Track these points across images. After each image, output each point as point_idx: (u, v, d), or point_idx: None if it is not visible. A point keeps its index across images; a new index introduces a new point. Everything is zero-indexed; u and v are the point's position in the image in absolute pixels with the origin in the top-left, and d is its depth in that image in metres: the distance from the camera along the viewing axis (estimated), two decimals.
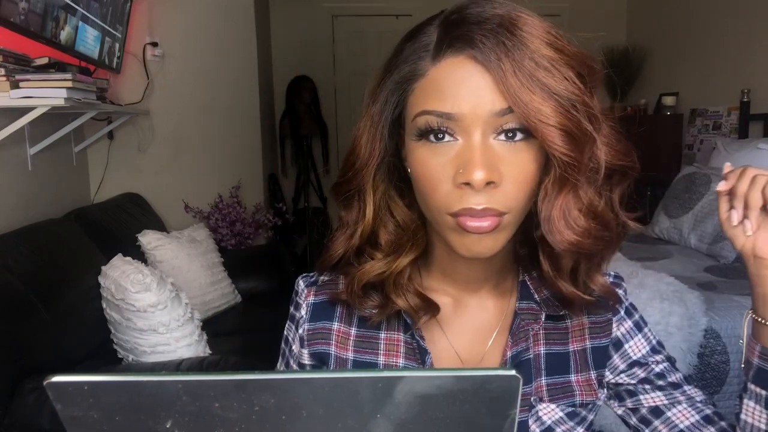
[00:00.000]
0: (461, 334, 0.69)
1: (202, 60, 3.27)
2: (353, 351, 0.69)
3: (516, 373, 0.36)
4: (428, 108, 0.56)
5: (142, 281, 1.88)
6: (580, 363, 0.69)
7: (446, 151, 0.56)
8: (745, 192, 0.60)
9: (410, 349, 0.67)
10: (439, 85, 0.56)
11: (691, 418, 0.68)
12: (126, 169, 3.17)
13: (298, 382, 0.36)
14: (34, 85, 1.88)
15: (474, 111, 0.55)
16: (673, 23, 4.19)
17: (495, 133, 0.56)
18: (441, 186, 0.57)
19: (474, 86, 0.55)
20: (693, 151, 3.93)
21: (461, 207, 0.56)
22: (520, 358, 0.67)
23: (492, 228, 0.56)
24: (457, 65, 0.55)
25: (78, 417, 0.36)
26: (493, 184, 0.55)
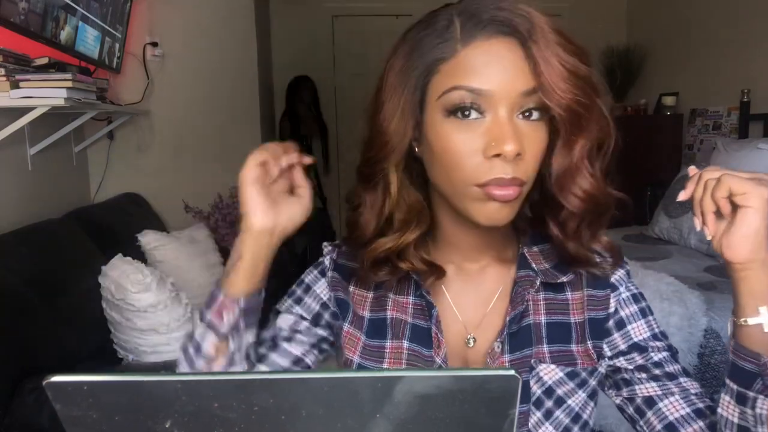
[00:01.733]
0: (463, 298, 0.74)
1: (202, 60, 3.26)
2: (370, 311, 0.75)
3: (515, 373, 0.36)
4: (460, 83, 0.61)
5: (142, 281, 1.88)
6: (579, 334, 0.72)
7: (473, 127, 0.62)
8: (700, 198, 0.62)
9: (418, 309, 0.73)
10: (470, 64, 0.61)
11: (682, 411, 0.69)
12: (126, 169, 3.17)
13: (297, 382, 0.36)
14: (34, 85, 1.88)
15: (504, 88, 0.60)
16: (673, 23, 4.19)
17: (518, 111, 0.62)
18: (469, 159, 0.62)
19: (505, 65, 0.61)
20: (693, 151, 3.93)
21: (491, 177, 0.61)
22: (520, 323, 0.71)
23: (515, 196, 0.62)
24: (488, 46, 0.61)
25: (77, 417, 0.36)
26: (519, 156, 0.61)
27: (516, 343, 0.71)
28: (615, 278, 0.74)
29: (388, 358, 0.73)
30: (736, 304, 0.63)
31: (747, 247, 0.61)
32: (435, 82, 0.63)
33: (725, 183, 0.60)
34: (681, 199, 0.65)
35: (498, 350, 0.71)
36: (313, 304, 0.77)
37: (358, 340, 0.75)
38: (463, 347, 0.73)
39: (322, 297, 0.77)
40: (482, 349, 0.72)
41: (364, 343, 0.74)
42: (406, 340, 0.73)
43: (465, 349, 0.73)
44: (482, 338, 0.72)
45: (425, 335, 0.72)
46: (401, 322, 0.73)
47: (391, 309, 0.74)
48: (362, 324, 0.75)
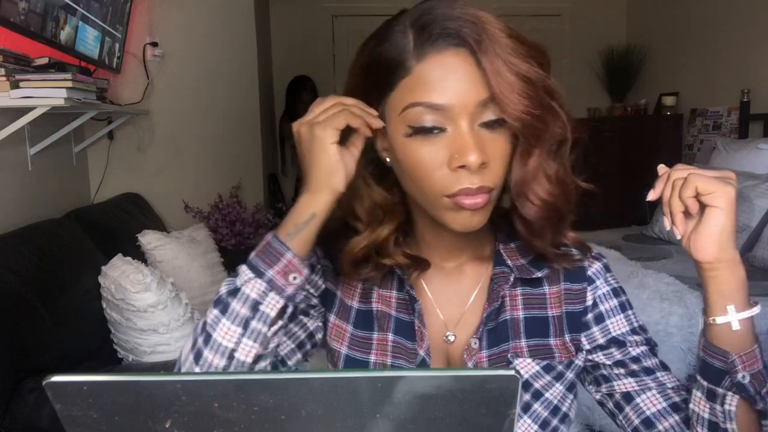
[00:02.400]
0: (443, 296, 0.75)
1: (202, 60, 3.26)
2: (359, 302, 0.76)
3: (515, 373, 0.36)
4: (418, 100, 0.62)
5: (142, 281, 1.87)
6: (557, 327, 0.74)
7: (437, 140, 0.63)
8: (668, 198, 0.63)
9: (401, 303, 0.75)
10: (427, 79, 0.62)
11: (658, 405, 0.70)
12: (126, 169, 3.17)
13: (297, 382, 0.36)
14: (34, 85, 1.88)
15: (461, 101, 0.61)
16: (673, 23, 4.19)
17: (478, 121, 0.62)
18: (436, 172, 0.63)
19: (459, 78, 0.61)
20: (693, 151, 3.93)
21: (459, 188, 0.62)
22: (497, 319, 0.73)
23: (484, 203, 0.63)
24: (441, 59, 0.62)
25: (77, 417, 0.36)
26: (485, 164, 0.62)
27: (493, 338, 0.72)
28: (591, 271, 0.75)
29: (374, 349, 0.74)
30: (705, 302, 0.64)
31: (714, 247, 0.62)
32: (394, 97, 0.64)
33: (692, 183, 0.61)
34: (650, 199, 0.65)
35: (475, 346, 0.72)
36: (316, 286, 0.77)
37: (345, 331, 0.75)
38: (443, 344, 0.74)
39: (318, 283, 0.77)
40: (461, 345, 0.73)
41: (352, 334, 0.75)
42: (391, 332, 0.74)
43: (445, 346, 0.74)
44: (461, 335, 0.74)
45: (409, 328, 0.73)
46: (386, 315, 0.75)
47: (377, 301, 0.75)
48: (349, 315, 0.76)
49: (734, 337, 0.62)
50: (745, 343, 0.62)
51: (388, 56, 0.64)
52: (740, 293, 0.63)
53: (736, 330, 0.62)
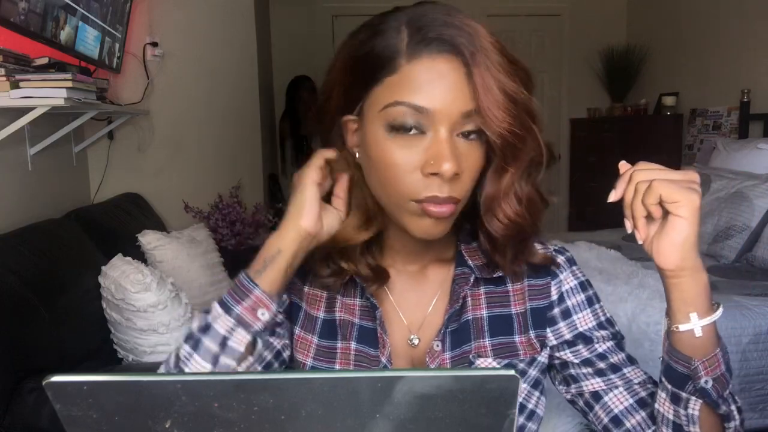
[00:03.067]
0: (405, 300, 0.75)
1: (202, 60, 3.26)
2: (324, 311, 0.76)
3: (515, 373, 0.36)
4: (402, 99, 0.62)
5: (142, 281, 1.87)
6: (522, 324, 0.74)
7: (414, 143, 0.63)
8: (630, 202, 0.61)
9: (365, 310, 0.75)
10: (414, 80, 0.61)
11: (625, 403, 0.71)
12: (126, 169, 3.17)
13: (297, 382, 0.36)
14: (34, 85, 1.88)
15: (445, 108, 0.61)
16: (673, 23, 4.19)
17: (458, 131, 0.63)
18: (407, 175, 0.63)
19: (448, 85, 0.61)
20: (693, 151, 3.93)
21: (428, 194, 0.63)
22: (459, 319, 0.73)
23: (449, 213, 0.64)
24: (432, 64, 0.61)
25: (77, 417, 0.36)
26: (457, 175, 0.62)
27: (456, 339, 0.73)
28: (554, 266, 0.76)
29: (339, 358, 0.74)
30: (669, 309, 0.63)
31: (677, 255, 0.60)
32: (377, 93, 0.64)
33: (656, 190, 0.59)
34: (611, 200, 0.64)
35: (438, 348, 0.72)
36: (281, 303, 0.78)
37: (311, 343, 0.75)
38: (407, 347, 0.74)
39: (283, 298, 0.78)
40: (425, 348, 0.73)
41: (317, 345, 0.75)
42: (354, 341, 0.74)
43: (409, 350, 0.74)
44: (425, 337, 0.74)
45: (372, 336, 0.73)
46: (349, 324, 0.75)
47: (339, 310, 0.75)
48: (315, 325, 0.76)
49: (697, 343, 0.62)
50: (707, 348, 0.62)
51: (378, 50, 0.63)
52: (702, 299, 0.62)
53: (699, 336, 0.61)
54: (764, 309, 2.11)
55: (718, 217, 2.84)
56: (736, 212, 2.77)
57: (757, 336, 2.07)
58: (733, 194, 2.85)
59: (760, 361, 2.08)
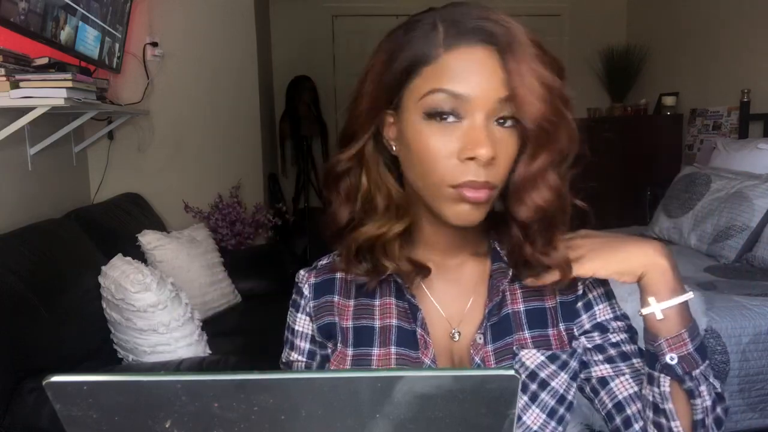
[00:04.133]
0: (444, 295, 0.76)
1: (202, 60, 3.26)
2: (353, 320, 0.77)
3: (515, 373, 0.36)
4: (441, 86, 0.64)
5: (142, 281, 1.87)
6: (554, 318, 0.76)
7: (451, 129, 0.64)
8: None
9: (401, 310, 0.76)
10: (452, 68, 0.64)
11: (630, 390, 0.73)
12: (126, 169, 3.16)
13: (297, 382, 0.36)
14: (34, 85, 1.88)
15: (482, 95, 0.63)
16: (673, 23, 4.19)
17: (493, 117, 0.64)
18: (445, 161, 0.65)
19: (485, 73, 0.63)
20: (693, 151, 3.93)
21: (464, 179, 0.64)
22: (500, 313, 0.75)
23: (486, 199, 0.65)
24: (470, 53, 0.64)
25: (77, 417, 0.36)
26: (493, 160, 0.63)
27: (497, 332, 0.74)
28: None
29: (375, 365, 0.74)
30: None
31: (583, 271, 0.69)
32: (416, 83, 0.66)
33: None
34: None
35: (480, 341, 0.73)
36: (303, 344, 0.79)
37: (346, 355, 0.76)
38: (449, 342, 0.75)
39: (308, 333, 0.79)
40: (466, 341, 0.75)
41: (352, 355, 0.76)
42: (393, 345, 0.74)
43: (451, 344, 0.75)
44: (466, 331, 0.75)
45: (411, 338, 0.74)
46: (387, 329, 0.75)
47: (378, 317, 0.76)
48: (347, 337, 0.76)
49: (661, 325, 0.67)
50: (671, 328, 0.67)
51: (415, 43, 0.66)
52: (660, 286, 0.67)
53: (660, 319, 0.67)
54: (764, 309, 2.11)
55: (718, 217, 2.84)
56: (736, 212, 2.77)
57: (757, 336, 2.07)
58: (733, 194, 2.85)
59: (760, 361, 2.08)
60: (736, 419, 2.10)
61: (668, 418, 0.68)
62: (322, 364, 0.79)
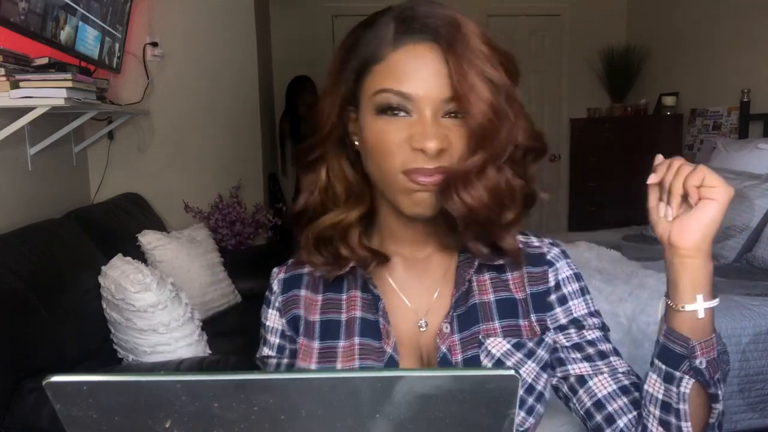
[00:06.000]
0: (411, 286, 0.78)
1: (202, 60, 3.26)
2: (320, 314, 0.78)
3: (515, 373, 0.36)
4: (387, 86, 0.66)
5: (142, 281, 1.87)
6: (524, 309, 0.77)
7: (401, 122, 0.67)
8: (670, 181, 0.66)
9: (366, 302, 0.77)
10: (398, 68, 0.66)
11: (609, 388, 0.74)
12: (126, 169, 3.17)
13: (297, 382, 0.36)
14: (34, 85, 1.88)
15: (428, 94, 0.65)
16: (673, 23, 4.19)
17: (442, 112, 0.66)
18: (397, 149, 0.67)
19: (429, 71, 0.65)
20: (693, 151, 3.93)
21: (416, 165, 0.66)
22: (466, 303, 0.76)
23: (438, 183, 0.66)
24: (414, 51, 0.66)
25: (77, 417, 0.36)
26: (444, 150, 0.65)
27: (464, 322, 0.75)
28: (551, 256, 0.79)
29: (340, 357, 0.76)
30: (674, 289, 0.67)
31: (699, 235, 0.65)
32: (368, 81, 0.68)
33: (701, 172, 0.63)
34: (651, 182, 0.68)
35: (447, 330, 0.74)
36: (273, 338, 0.82)
37: (312, 348, 0.77)
38: (416, 332, 0.76)
39: (277, 328, 0.81)
40: (434, 331, 0.75)
41: (318, 348, 0.77)
42: (357, 336, 0.76)
43: (418, 334, 0.76)
44: (433, 321, 0.76)
45: (375, 328, 0.75)
46: (352, 321, 0.77)
47: (344, 310, 0.78)
48: (313, 330, 0.78)
49: (698, 325, 0.65)
50: (706, 331, 0.66)
51: (369, 42, 0.68)
52: (709, 284, 0.66)
53: (700, 318, 0.65)
54: (764, 309, 2.11)
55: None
56: (736, 212, 2.77)
57: (757, 336, 2.07)
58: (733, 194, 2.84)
59: (760, 361, 2.08)
60: (736, 419, 2.10)
61: (680, 418, 0.67)
62: (292, 358, 0.80)
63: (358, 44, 0.69)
